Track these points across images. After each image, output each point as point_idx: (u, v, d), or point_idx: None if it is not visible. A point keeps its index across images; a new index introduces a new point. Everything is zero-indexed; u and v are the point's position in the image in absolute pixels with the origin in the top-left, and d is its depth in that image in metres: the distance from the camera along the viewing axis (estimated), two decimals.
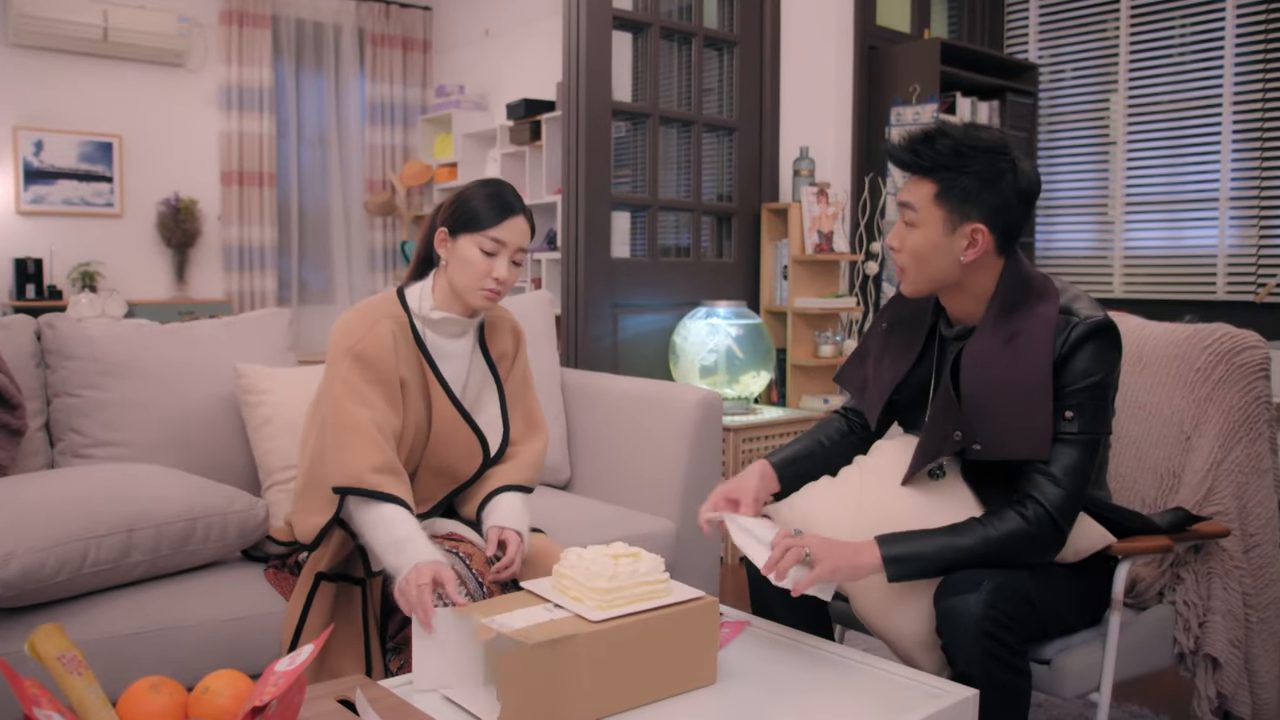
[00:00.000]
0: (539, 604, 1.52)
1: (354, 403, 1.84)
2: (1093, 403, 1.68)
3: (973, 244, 1.71)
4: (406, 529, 1.78)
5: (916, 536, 1.67)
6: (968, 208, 1.70)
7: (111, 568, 1.88)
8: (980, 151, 1.69)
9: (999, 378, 1.70)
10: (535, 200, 6.14)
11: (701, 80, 4.38)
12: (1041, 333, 1.68)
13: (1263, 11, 4.31)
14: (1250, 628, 1.96)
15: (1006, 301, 1.73)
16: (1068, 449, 1.67)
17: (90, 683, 1.12)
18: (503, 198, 1.92)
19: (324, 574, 1.91)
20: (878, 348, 1.96)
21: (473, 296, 1.92)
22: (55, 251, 6.26)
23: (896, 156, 1.76)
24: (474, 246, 1.89)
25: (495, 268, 1.90)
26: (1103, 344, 1.68)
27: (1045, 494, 1.66)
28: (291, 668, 1.12)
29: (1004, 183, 1.70)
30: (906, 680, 1.60)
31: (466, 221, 1.90)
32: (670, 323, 4.20)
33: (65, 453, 2.26)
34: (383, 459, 1.82)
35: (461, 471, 2.02)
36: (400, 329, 1.94)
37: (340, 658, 1.86)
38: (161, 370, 2.34)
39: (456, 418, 1.99)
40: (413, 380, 1.94)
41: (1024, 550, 1.66)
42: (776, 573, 1.64)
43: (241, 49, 6.83)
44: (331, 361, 1.89)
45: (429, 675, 1.54)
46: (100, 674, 1.69)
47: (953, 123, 1.75)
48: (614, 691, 1.45)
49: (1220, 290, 4.43)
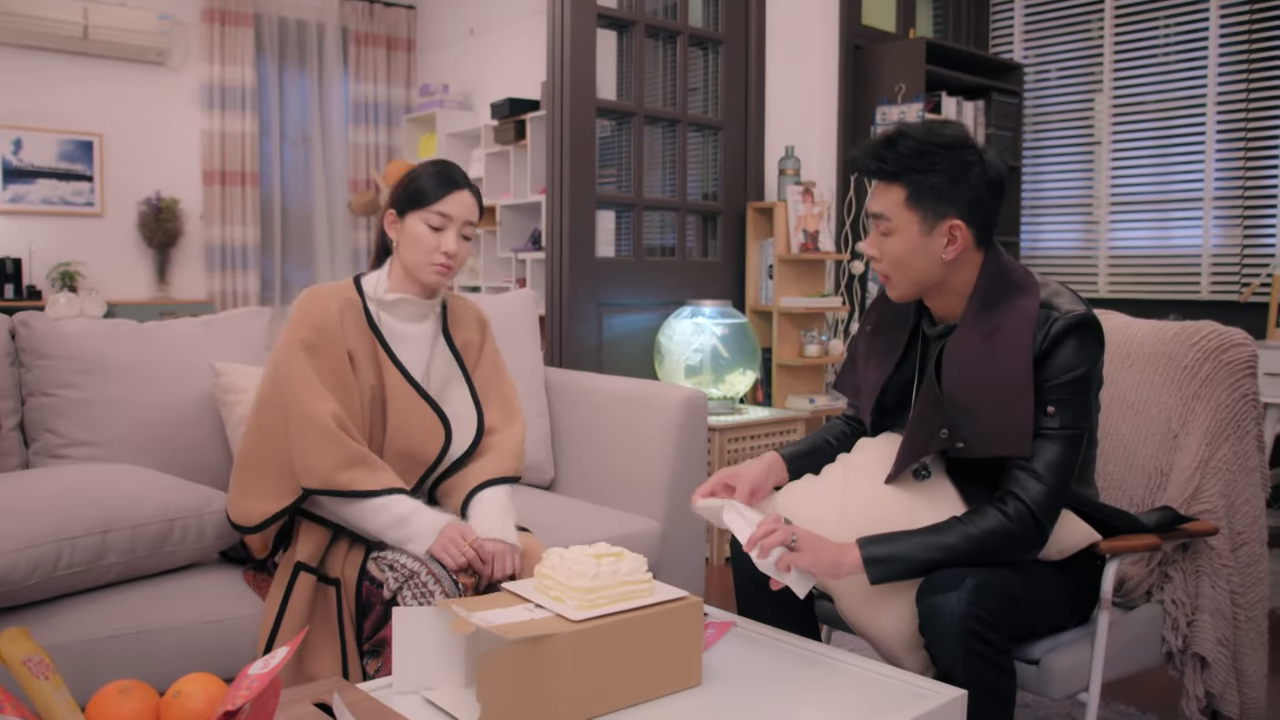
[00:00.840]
0: (520, 604, 1.50)
1: (311, 396, 1.86)
2: (1074, 398, 1.67)
3: (952, 241, 1.70)
4: (404, 506, 1.85)
5: (897, 537, 1.65)
6: (941, 205, 1.68)
7: (86, 570, 1.85)
8: (944, 148, 1.68)
9: (980, 375, 1.68)
10: (520, 200, 6.11)
11: (687, 79, 4.36)
12: (1021, 328, 1.67)
13: (1246, 12, 4.32)
14: (1238, 626, 1.95)
15: (987, 297, 1.72)
16: (1050, 444, 1.66)
17: (58, 687, 1.09)
18: (447, 174, 1.98)
19: (304, 565, 1.89)
20: (864, 351, 1.96)
21: (424, 273, 1.96)
22: (34, 251, 6.19)
23: (861, 165, 1.75)
24: (421, 223, 1.95)
25: (443, 242, 1.95)
26: (1084, 338, 1.67)
27: (1026, 490, 1.65)
28: (266, 670, 1.09)
29: (973, 175, 1.69)
30: (894, 681, 1.58)
31: (412, 199, 1.96)
32: (655, 322, 4.18)
33: (40, 453, 2.22)
34: (345, 454, 1.84)
35: (426, 453, 2.00)
36: (350, 309, 1.97)
37: (316, 661, 1.83)
38: (139, 369, 2.30)
39: (414, 396, 1.98)
40: (363, 356, 1.96)
41: (1005, 547, 1.65)
42: (760, 549, 1.63)
43: (224, 47, 6.78)
44: (284, 353, 1.91)
45: (409, 677, 1.51)
46: (72, 678, 1.66)
47: (911, 124, 1.75)
48: (596, 692, 1.42)
49: (1205, 290, 4.44)
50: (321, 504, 1.92)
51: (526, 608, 1.48)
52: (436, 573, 1.79)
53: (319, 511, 1.93)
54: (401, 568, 1.81)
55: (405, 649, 1.51)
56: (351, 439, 1.87)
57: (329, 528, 1.93)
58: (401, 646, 1.52)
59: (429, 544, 1.82)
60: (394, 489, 1.87)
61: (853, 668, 1.63)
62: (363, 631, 1.84)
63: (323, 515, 1.93)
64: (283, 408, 1.91)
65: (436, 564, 1.81)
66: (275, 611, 1.86)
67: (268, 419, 1.94)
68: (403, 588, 1.79)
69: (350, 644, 1.85)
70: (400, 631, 1.52)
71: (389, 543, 1.87)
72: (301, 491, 1.89)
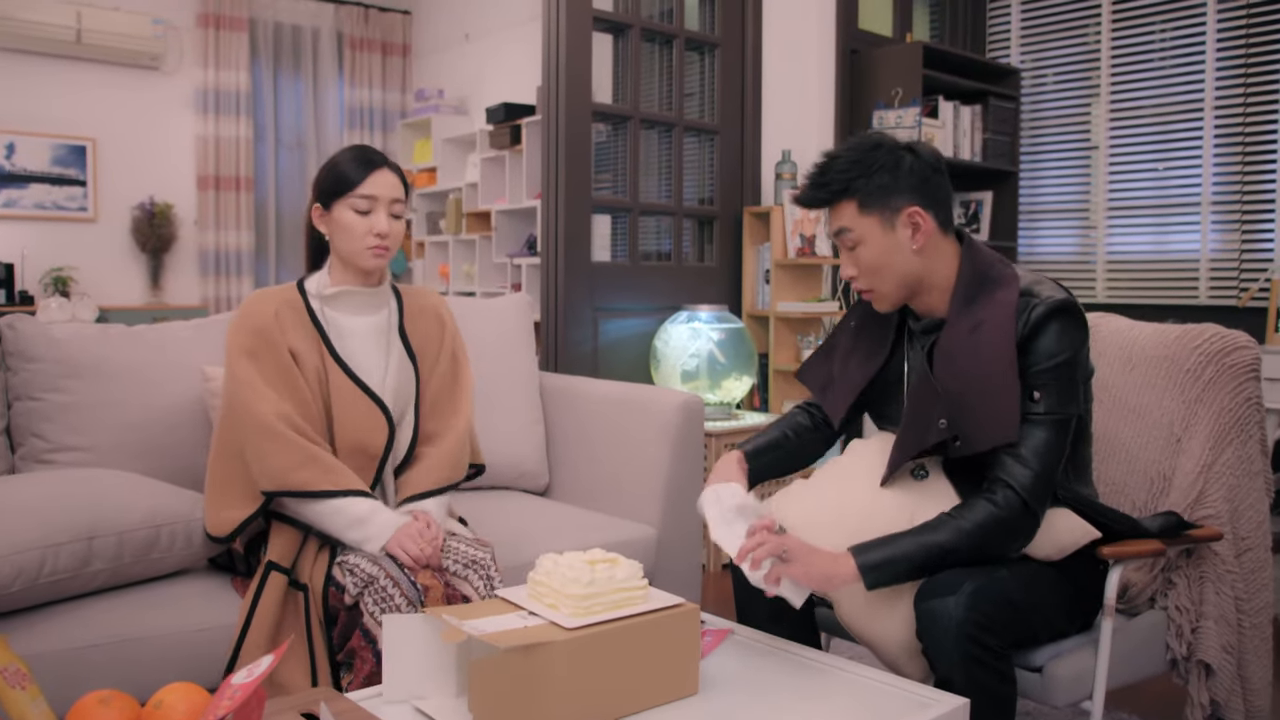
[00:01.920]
0: (512, 611, 1.47)
1: (254, 399, 1.88)
2: (1059, 383, 1.66)
3: (917, 228, 1.72)
4: (362, 507, 1.87)
5: (889, 541, 1.63)
6: (893, 199, 1.72)
7: (71, 577, 1.81)
8: (872, 150, 1.74)
9: (966, 369, 1.69)
10: (515, 205, 6.08)
11: (683, 83, 4.34)
12: (1002, 318, 1.67)
13: (1243, 17, 4.31)
14: (1243, 633, 1.92)
15: (969, 293, 1.73)
16: (1036, 430, 1.65)
17: (35, 697, 1.06)
18: (364, 156, 1.98)
19: (275, 564, 1.88)
20: (846, 345, 1.94)
21: (362, 259, 1.96)
22: (27, 256, 6.15)
23: (809, 200, 1.79)
24: (348, 209, 1.96)
25: (375, 224, 1.95)
26: (1065, 323, 1.67)
27: (1014, 476, 1.63)
28: (249, 680, 1.06)
29: (909, 162, 1.73)
30: (894, 689, 1.55)
31: (334, 189, 1.96)
32: (651, 327, 4.15)
33: (26, 458, 2.19)
34: (297, 454, 1.85)
35: (373, 445, 1.99)
36: (288, 309, 1.98)
37: (285, 668, 1.81)
38: (127, 373, 2.27)
39: (353, 388, 1.98)
40: (306, 353, 1.96)
41: (998, 536, 1.63)
42: (751, 560, 1.61)
43: (218, 52, 6.75)
44: (229, 363, 1.93)
45: (400, 686, 1.48)
46: (54, 688, 1.62)
47: (831, 149, 1.82)
48: (591, 702, 1.39)
49: (1203, 295, 4.42)
50: (286, 505, 1.92)
51: (519, 615, 1.45)
52: (394, 575, 1.79)
53: (288, 513, 1.93)
54: (361, 572, 1.80)
55: (396, 658, 1.48)
56: (304, 438, 1.88)
57: (299, 529, 1.93)
58: (392, 655, 1.48)
59: (385, 542, 1.84)
60: (352, 490, 1.87)
61: (852, 676, 1.60)
62: (332, 639, 1.82)
63: (292, 516, 1.93)
64: (234, 418, 1.92)
65: (394, 566, 1.81)
66: (246, 611, 1.85)
67: (227, 430, 1.95)
68: (363, 593, 1.78)
69: (320, 652, 1.82)
70: (390, 640, 1.49)
71: (348, 544, 1.87)
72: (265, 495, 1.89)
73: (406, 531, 1.86)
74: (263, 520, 1.98)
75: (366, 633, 1.76)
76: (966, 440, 1.67)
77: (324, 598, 1.84)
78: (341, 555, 1.86)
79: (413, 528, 1.87)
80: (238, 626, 1.85)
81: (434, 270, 6.99)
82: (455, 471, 2.07)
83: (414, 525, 1.88)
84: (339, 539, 1.88)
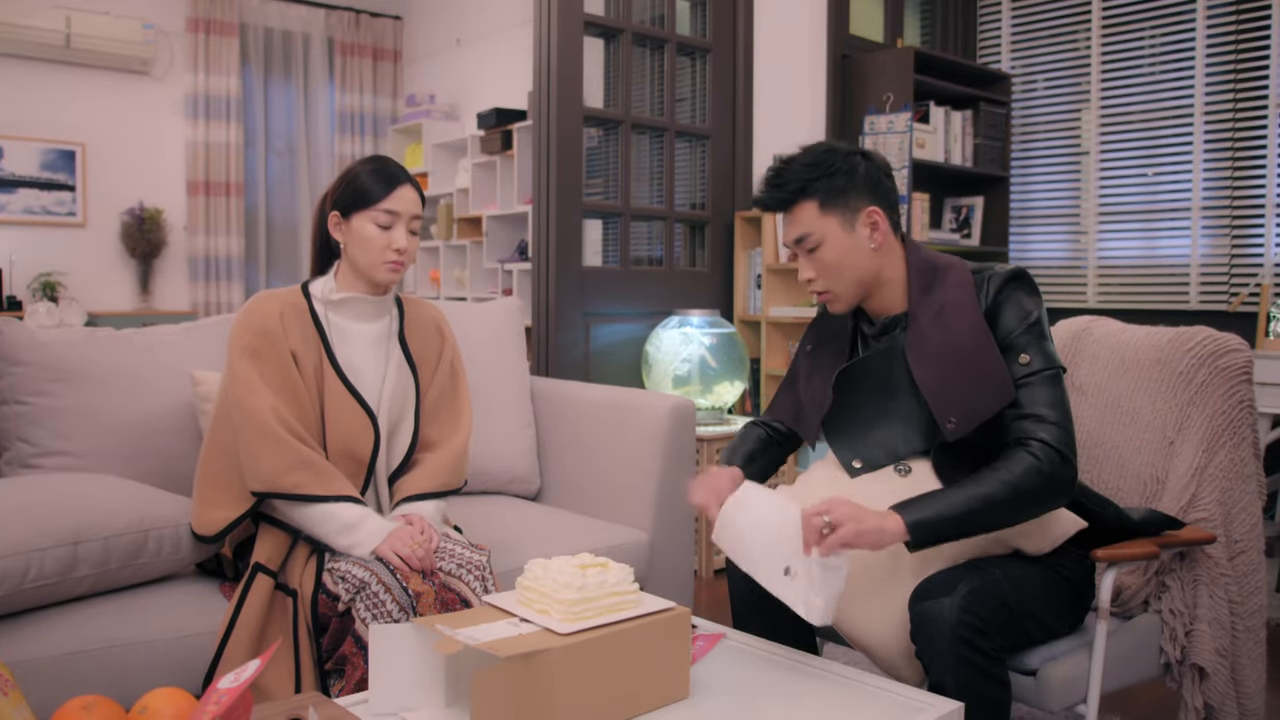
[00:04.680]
0: (503, 618, 1.45)
1: (250, 395, 1.87)
2: (1039, 340, 1.70)
3: (875, 227, 1.77)
4: (352, 513, 1.86)
5: (934, 497, 1.60)
6: (852, 199, 1.75)
7: (56, 583, 1.79)
8: (826, 153, 1.78)
9: (942, 351, 1.71)
10: (506, 210, 6.07)
11: (674, 88, 4.34)
12: (962, 295, 1.73)
13: (1233, 22, 4.32)
14: (1237, 636, 1.91)
15: (922, 285, 1.78)
16: (1039, 389, 1.67)
17: (17, 703, 1.04)
18: (387, 170, 1.99)
19: (262, 566, 1.87)
20: (805, 370, 1.96)
21: (378, 272, 1.97)
22: (15, 261, 6.11)
23: (769, 202, 1.81)
24: (369, 223, 1.95)
25: (394, 239, 1.95)
26: (1023, 285, 1.73)
27: (1039, 433, 1.63)
28: (235, 685, 1.04)
29: (863, 165, 1.77)
30: (889, 694, 1.54)
31: (356, 200, 1.97)
32: (643, 332, 4.14)
33: (12, 462, 2.17)
34: (290, 456, 1.84)
35: (360, 451, 1.98)
36: (293, 311, 1.97)
37: (269, 673, 1.79)
38: (115, 377, 2.25)
39: (344, 393, 1.97)
40: (307, 356, 1.96)
41: (1043, 488, 1.61)
42: (824, 546, 1.53)
43: (208, 57, 6.73)
44: (230, 361, 1.92)
45: (387, 696, 1.46)
46: (39, 695, 1.61)
47: (783, 154, 1.84)
48: (586, 708, 1.37)
49: (1193, 300, 4.42)
50: (276, 508, 1.91)
51: (510, 622, 1.43)
52: (386, 581, 1.77)
53: (278, 516, 1.92)
54: (353, 579, 1.78)
55: (382, 666, 1.46)
56: (298, 440, 1.87)
57: (288, 532, 1.92)
58: (379, 665, 1.46)
59: (374, 547, 1.83)
60: (343, 496, 1.87)
61: (845, 680, 1.59)
62: (321, 646, 1.81)
63: (282, 520, 1.92)
64: (230, 416, 1.91)
65: (387, 571, 1.79)
66: (231, 613, 1.84)
67: (221, 428, 1.94)
68: (355, 599, 1.76)
69: (305, 658, 1.81)
70: (377, 650, 1.47)
71: (337, 549, 1.86)
72: (255, 497, 1.88)
73: (399, 535, 1.84)
74: (251, 523, 1.97)
75: (358, 639, 1.74)
76: (966, 416, 1.67)
77: (313, 604, 1.82)
78: (331, 561, 1.85)
79: (406, 532, 1.85)
80: (221, 627, 1.83)
81: (425, 275, 6.97)
82: (453, 478, 2.06)
83: (407, 530, 1.86)
84: (328, 544, 1.87)
